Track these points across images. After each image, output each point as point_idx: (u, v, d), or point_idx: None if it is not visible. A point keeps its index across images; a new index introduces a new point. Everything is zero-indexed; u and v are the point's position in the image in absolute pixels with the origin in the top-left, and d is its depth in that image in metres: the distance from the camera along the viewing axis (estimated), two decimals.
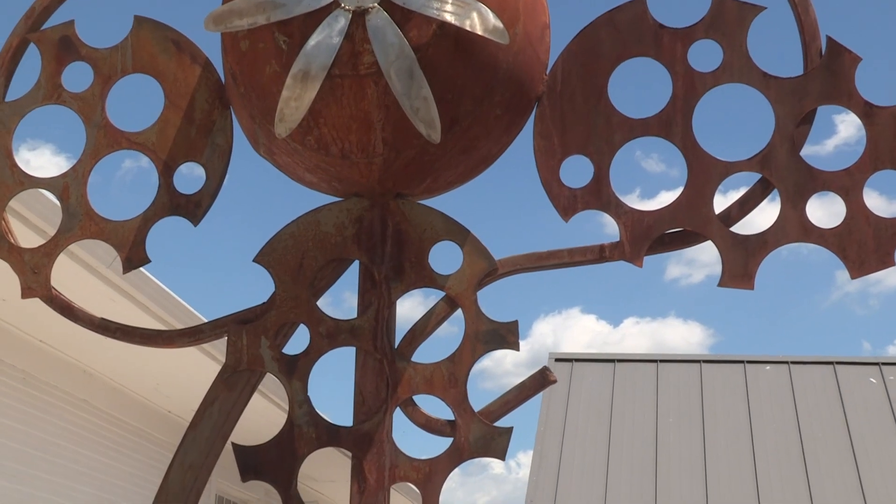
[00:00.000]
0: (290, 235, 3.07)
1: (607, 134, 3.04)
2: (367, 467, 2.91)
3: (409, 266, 3.01)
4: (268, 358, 3.01)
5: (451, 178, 3.11)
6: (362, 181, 3.02)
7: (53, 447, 9.62)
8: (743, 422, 16.32)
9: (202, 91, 3.19)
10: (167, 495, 3.06)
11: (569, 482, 15.39)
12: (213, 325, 3.15)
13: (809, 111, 2.98)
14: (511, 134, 3.11)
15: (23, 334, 8.96)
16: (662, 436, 16.18)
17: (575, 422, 16.66)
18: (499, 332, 2.95)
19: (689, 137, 3.01)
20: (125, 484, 10.93)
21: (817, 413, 16.41)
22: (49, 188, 3.23)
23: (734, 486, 15.14)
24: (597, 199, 3.02)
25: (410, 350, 3.05)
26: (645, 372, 17.75)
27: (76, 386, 9.98)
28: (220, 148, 3.16)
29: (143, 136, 3.19)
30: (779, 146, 2.97)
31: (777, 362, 17.71)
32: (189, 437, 3.09)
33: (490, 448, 2.90)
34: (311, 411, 2.97)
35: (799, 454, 15.59)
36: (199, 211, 3.14)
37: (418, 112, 2.83)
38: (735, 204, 3.03)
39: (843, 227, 2.92)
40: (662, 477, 15.37)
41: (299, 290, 3.03)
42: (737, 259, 2.94)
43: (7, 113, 3.27)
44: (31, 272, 3.17)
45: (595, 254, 3.06)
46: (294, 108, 2.86)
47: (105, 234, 3.17)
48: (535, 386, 3.08)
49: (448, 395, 2.93)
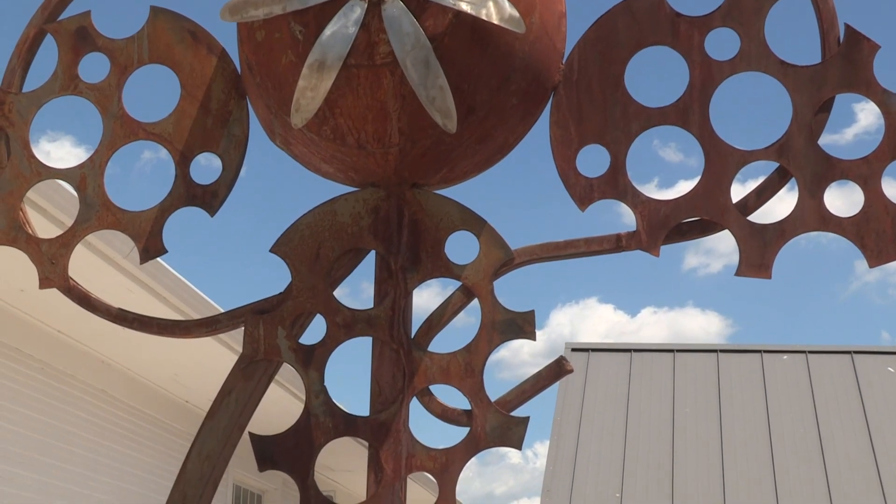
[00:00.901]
0: (307, 226, 3.07)
1: (624, 123, 3.03)
2: (383, 457, 2.91)
3: (425, 256, 3.01)
4: (284, 348, 3.01)
5: (467, 167, 3.10)
6: (378, 171, 3.02)
7: (72, 437, 9.66)
8: (760, 412, 16.29)
9: (218, 81, 3.19)
10: (185, 484, 3.07)
11: (585, 472, 15.39)
12: (230, 315, 3.16)
13: (827, 99, 2.96)
14: (527, 123, 3.10)
15: (41, 325, 9.00)
16: (679, 426, 16.17)
17: (591, 412, 16.66)
18: (515, 321, 2.95)
19: (706, 126, 3.00)
20: (143, 473, 10.98)
21: (835, 402, 16.38)
22: (66, 179, 3.23)
23: (751, 475, 15.12)
24: (613, 188, 3.01)
25: (427, 340, 3.05)
26: (662, 362, 17.73)
27: (94, 376, 10.03)
28: (237, 138, 3.16)
29: (159, 127, 3.20)
30: (796, 135, 2.96)
31: (794, 352, 17.67)
32: (206, 426, 3.09)
33: (507, 437, 2.90)
34: (327, 401, 2.98)
35: (816, 443, 15.56)
36: (215, 201, 3.15)
37: (434, 101, 2.83)
38: (752, 193, 3.02)
39: (861, 216, 2.91)
40: (679, 467, 15.35)
41: (316, 280, 3.03)
42: (754, 248, 2.93)
43: (24, 104, 3.28)
44: (49, 262, 3.18)
45: (612, 243, 3.06)
46: (310, 99, 2.86)
47: (122, 224, 3.17)
48: (552, 376, 3.08)
49: (464, 384, 2.93)
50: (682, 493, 14.94)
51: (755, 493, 14.84)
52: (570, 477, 15.34)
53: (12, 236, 3.21)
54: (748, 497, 14.78)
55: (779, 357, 17.59)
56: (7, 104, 3.28)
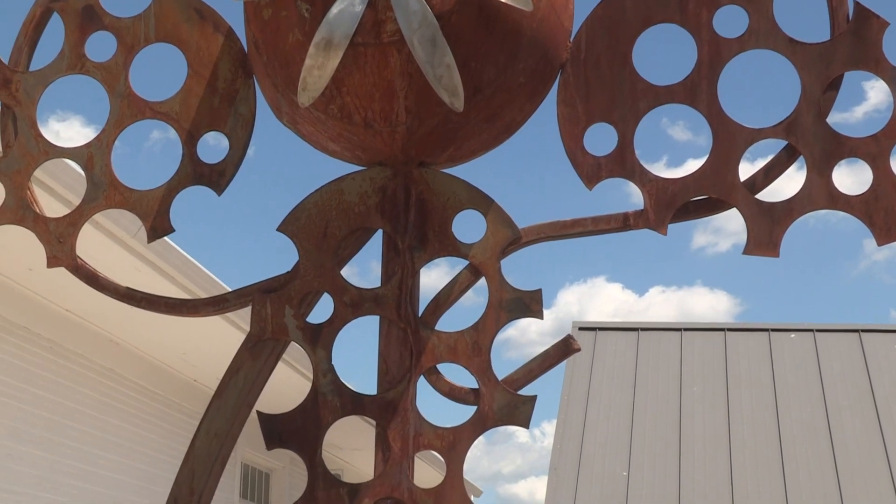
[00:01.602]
0: (314, 204, 3.07)
1: (632, 101, 3.02)
2: (391, 436, 2.92)
3: (432, 235, 3.01)
4: (292, 327, 3.02)
5: (474, 146, 3.10)
6: (385, 150, 3.02)
7: (80, 415, 9.70)
8: (767, 390, 16.30)
9: (225, 60, 3.18)
10: (193, 462, 3.08)
11: (592, 450, 15.42)
12: (237, 294, 3.16)
13: (836, 77, 2.95)
14: (534, 102, 3.09)
15: (50, 304, 9.02)
16: (686, 404, 16.18)
17: (599, 391, 16.68)
18: (522, 300, 2.95)
19: (715, 104, 2.99)
20: (151, 452, 11.02)
21: (842, 381, 16.38)
22: (73, 158, 3.23)
23: (758, 453, 15.14)
24: (621, 167, 3.01)
25: (434, 319, 3.05)
26: (669, 341, 17.73)
27: (103, 355, 10.05)
28: (244, 117, 3.16)
29: (166, 106, 3.19)
30: (805, 112, 2.95)
31: (802, 330, 17.66)
32: (214, 405, 3.10)
33: (514, 416, 2.90)
34: (335, 380, 2.98)
35: (824, 422, 15.57)
36: (222, 180, 3.15)
37: (441, 80, 2.82)
38: (760, 171, 3.01)
39: (870, 194, 2.90)
40: (686, 446, 15.38)
41: (323, 259, 3.03)
42: (762, 227, 2.92)
43: (31, 83, 3.27)
44: (57, 241, 3.19)
45: (619, 222, 3.05)
46: (317, 77, 2.85)
47: (129, 203, 3.17)
48: (559, 354, 3.08)
49: (472, 363, 2.94)
50: (689, 471, 14.96)
51: (762, 471, 14.86)
52: (577, 455, 15.37)
53: (20, 215, 3.22)
54: (755, 475, 14.80)
55: (786, 336, 17.58)
56: (14, 83, 3.28)
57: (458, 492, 2.88)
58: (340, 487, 2.92)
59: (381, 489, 2.91)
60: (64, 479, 9.37)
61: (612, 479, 14.90)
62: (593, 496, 14.69)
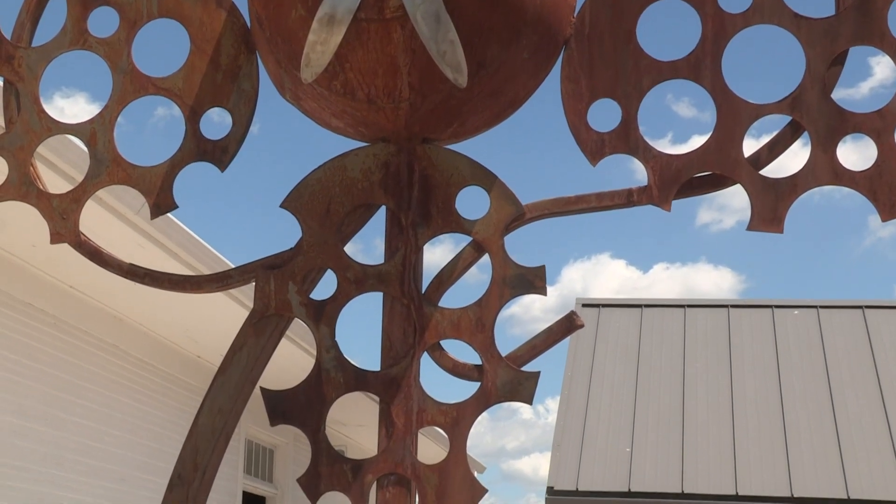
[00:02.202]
0: (317, 181, 3.07)
1: (636, 77, 3.01)
2: (394, 412, 2.92)
3: (435, 211, 3.01)
4: (295, 303, 3.02)
5: (477, 122, 3.09)
6: (389, 126, 3.01)
7: (84, 391, 9.72)
8: (771, 366, 16.32)
9: (228, 36, 3.18)
10: (197, 438, 3.09)
11: (596, 427, 15.45)
12: (240, 270, 3.16)
13: (841, 52, 2.94)
14: (538, 78, 3.08)
15: (53, 280, 9.03)
16: (690, 381, 16.21)
17: (602, 367, 16.70)
18: (526, 277, 2.95)
19: (719, 80, 2.98)
20: (156, 427, 11.05)
21: (846, 357, 16.39)
22: (76, 134, 3.23)
23: (762, 429, 15.17)
24: (625, 143, 3.00)
25: (438, 295, 3.05)
26: (672, 317, 17.75)
27: (106, 331, 10.07)
28: (247, 93, 3.15)
29: (169, 82, 3.19)
30: (809, 88, 2.94)
31: (806, 307, 17.66)
32: (218, 381, 3.11)
33: (517, 392, 2.90)
34: (338, 356, 2.98)
35: (827, 397, 15.59)
36: (225, 156, 3.14)
37: (445, 56, 2.81)
38: (764, 147, 3.00)
39: (874, 170, 2.89)
40: (690, 422, 15.41)
41: (326, 236, 3.03)
42: (766, 202, 2.92)
43: (34, 58, 3.27)
44: (60, 218, 3.18)
45: (623, 198, 3.05)
46: (320, 53, 2.85)
47: (132, 179, 3.17)
48: (563, 330, 3.08)
49: (475, 339, 2.94)
50: (693, 447, 15.00)
51: (766, 446, 14.89)
52: (580, 432, 15.40)
53: (23, 191, 3.21)
54: (759, 451, 14.83)
55: (790, 312, 17.59)
56: (17, 59, 3.27)
57: (462, 467, 2.89)
58: (344, 463, 2.93)
59: (385, 465, 2.91)
60: (68, 455, 9.41)
61: (615, 455, 14.94)
62: (596, 472, 14.73)
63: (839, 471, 14.40)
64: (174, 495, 3.07)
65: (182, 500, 3.06)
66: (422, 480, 2.89)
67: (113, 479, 10.15)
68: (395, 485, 2.92)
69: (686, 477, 14.50)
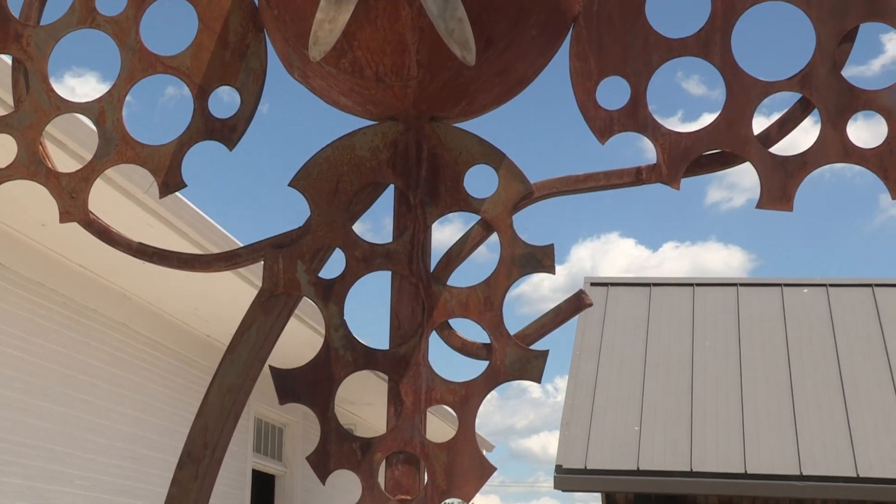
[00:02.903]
0: (326, 159, 3.06)
1: (644, 54, 3.00)
2: (403, 390, 2.93)
3: (444, 190, 3.00)
4: (304, 282, 3.02)
5: (486, 100, 3.08)
6: (397, 104, 3.00)
7: (94, 370, 9.75)
8: (780, 345, 16.29)
9: (236, 14, 3.17)
10: (206, 417, 3.10)
11: (604, 405, 15.46)
12: (249, 249, 3.16)
13: (851, 29, 2.92)
14: (547, 55, 3.07)
15: (63, 259, 9.05)
16: (698, 360, 16.19)
17: (611, 346, 16.69)
18: (534, 255, 2.94)
19: (728, 57, 2.96)
20: (165, 406, 11.09)
21: (855, 335, 16.36)
22: (85, 113, 3.23)
23: (770, 409, 15.16)
24: (633, 120, 2.99)
25: (446, 274, 3.04)
26: (681, 296, 17.72)
27: (116, 310, 10.09)
28: (255, 72, 3.15)
29: (177, 60, 3.18)
30: (819, 65, 2.92)
31: (815, 285, 17.62)
32: (227, 360, 3.11)
33: (526, 371, 2.91)
34: (347, 335, 2.98)
35: (836, 376, 15.57)
36: (234, 135, 3.14)
37: (453, 34, 2.80)
38: (774, 125, 2.99)
39: (885, 147, 2.88)
40: (698, 401, 15.41)
41: (335, 215, 3.03)
42: (776, 180, 2.91)
43: (42, 37, 3.26)
44: (69, 197, 3.19)
45: (632, 176, 3.04)
46: (328, 31, 2.84)
47: (141, 158, 3.17)
48: (571, 309, 3.07)
49: (484, 318, 2.94)
50: (701, 426, 15.00)
51: (774, 426, 14.88)
52: (588, 410, 15.41)
53: (32, 170, 3.22)
54: (767, 430, 14.83)
55: (799, 290, 17.55)
56: (25, 37, 3.27)
57: (470, 446, 2.89)
58: (353, 442, 2.93)
59: (394, 443, 2.92)
60: (78, 433, 9.44)
61: (624, 434, 14.95)
62: (605, 450, 14.74)
63: (848, 449, 14.40)
64: (184, 473, 3.08)
65: (192, 478, 3.08)
66: (430, 459, 2.89)
67: (123, 457, 10.19)
68: (403, 463, 2.92)
69: (695, 455, 14.51)
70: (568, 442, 14.86)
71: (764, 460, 14.32)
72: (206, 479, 3.08)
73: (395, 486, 2.92)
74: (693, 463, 14.38)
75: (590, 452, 14.71)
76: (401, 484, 2.92)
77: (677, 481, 14.22)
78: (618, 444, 14.82)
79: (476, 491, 2.89)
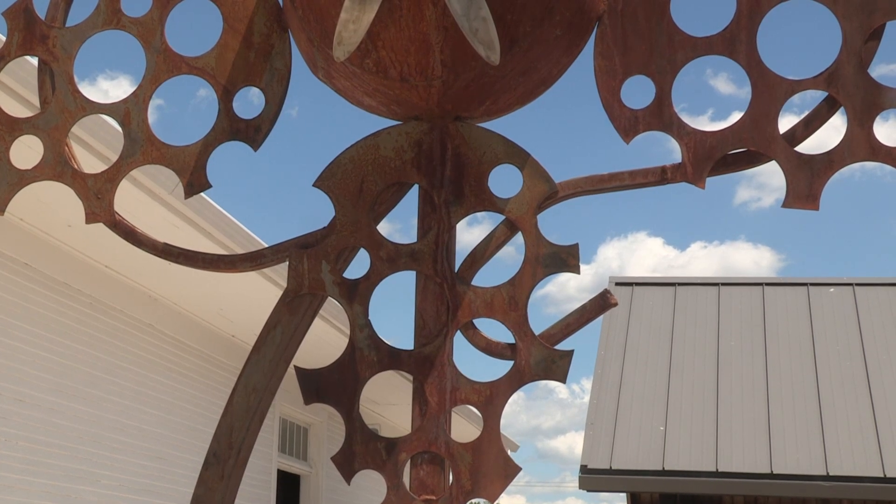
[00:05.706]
0: (350, 160, 3.07)
1: (669, 53, 2.99)
2: (428, 390, 2.92)
3: (468, 189, 3.00)
4: (329, 282, 3.02)
5: (510, 100, 3.08)
6: (421, 104, 3.00)
7: (120, 370, 9.79)
8: (806, 345, 16.21)
9: (260, 14, 3.18)
10: (231, 417, 3.11)
11: (629, 405, 15.42)
12: (274, 249, 3.17)
13: (878, 27, 2.91)
14: (571, 55, 3.07)
15: (89, 260, 9.09)
16: (724, 360, 16.13)
17: (636, 345, 16.65)
18: (559, 255, 2.94)
19: (754, 55, 2.95)
20: (191, 406, 11.12)
21: (882, 335, 16.26)
22: (110, 114, 3.24)
23: (797, 408, 15.09)
24: (658, 119, 2.98)
25: (471, 274, 3.04)
26: (707, 296, 17.65)
27: (142, 311, 10.13)
28: (279, 72, 3.15)
29: (202, 61, 3.19)
30: (846, 63, 2.91)
31: (841, 284, 17.53)
32: (252, 360, 3.12)
33: (551, 371, 2.90)
34: (372, 335, 2.99)
35: (863, 376, 15.48)
36: (258, 135, 3.14)
37: (477, 33, 2.80)
38: (800, 123, 2.97)
39: None
40: (724, 401, 15.35)
41: (359, 215, 3.03)
42: (802, 179, 2.89)
43: (68, 38, 3.28)
44: (95, 197, 3.20)
45: (657, 176, 3.03)
46: (352, 31, 2.84)
47: (166, 159, 3.18)
48: (596, 309, 3.06)
49: (508, 318, 2.93)
50: (727, 426, 14.94)
51: (801, 426, 14.81)
52: (614, 410, 15.37)
53: (59, 171, 3.23)
54: (794, 430, 14.76)
55: (825, 290, 17.46)
56: (51, 39, 3.28)
57: (496, 446, 2.89)
58: (378, 442, 2.93)
59: (419, 444, 2.92)
60: (105, 433, 9.48)
61: (649, 434, 14.91)
62: (630, 450, 14.70)
63: (875, 449, 14.31)
64: (210, 473, 3.09)
65: (217, 478, 3.08)
66: (455, 459, 2.89)
67: (149, 457, 10.23)
68: (428, 463, 2.92)
69: (720, 456, 14.45)
70: (593, 442, 14.83)
71: (790, 460, 14.25)
72: (231, 479, 3.09)
73: (419, 486, 2.92)
74: (718, 463, 14.33)
75: (615, 452, 14.68)
76: (426, 484, 2.92)
77: (702, 481, 14.17)
78: (643, 444, 14.78)
79: (501, 491, 2.89)
